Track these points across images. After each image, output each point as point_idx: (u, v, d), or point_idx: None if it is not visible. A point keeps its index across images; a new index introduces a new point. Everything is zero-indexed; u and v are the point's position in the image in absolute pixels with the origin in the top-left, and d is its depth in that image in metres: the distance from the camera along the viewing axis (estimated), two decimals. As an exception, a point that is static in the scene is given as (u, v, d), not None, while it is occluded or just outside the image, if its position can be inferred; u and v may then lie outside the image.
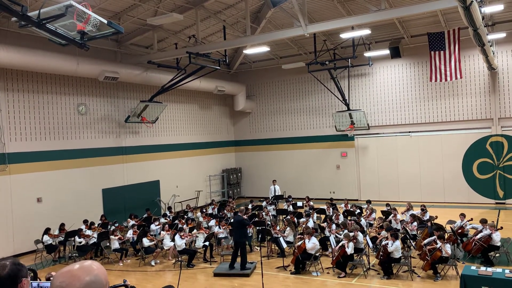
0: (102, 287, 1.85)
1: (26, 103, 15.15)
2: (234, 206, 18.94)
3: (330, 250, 12.72)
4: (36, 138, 15.42)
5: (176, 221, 15.45)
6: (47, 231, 13.90)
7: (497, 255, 11.66)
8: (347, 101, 21.49)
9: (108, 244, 13.77)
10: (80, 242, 13.65)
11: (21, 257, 13.92)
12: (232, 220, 14.80)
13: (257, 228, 14.42)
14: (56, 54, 14.48)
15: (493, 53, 16.68)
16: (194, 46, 16.62)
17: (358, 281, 10.79)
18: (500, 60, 19.04)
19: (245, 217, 13.08)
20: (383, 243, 11.03)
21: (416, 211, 14.73)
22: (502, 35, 17.62)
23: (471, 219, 12.92)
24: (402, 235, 12.68)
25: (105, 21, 7.04)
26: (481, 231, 11.61)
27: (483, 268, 8.90)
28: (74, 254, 13.78)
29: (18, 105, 14.93)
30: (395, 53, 18.95)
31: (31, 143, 15.23)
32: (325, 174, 23.33)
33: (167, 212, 17.45)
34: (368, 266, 11.48)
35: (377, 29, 19.58)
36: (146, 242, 13.31)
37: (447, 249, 10.51)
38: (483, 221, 11.81)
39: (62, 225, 14.55)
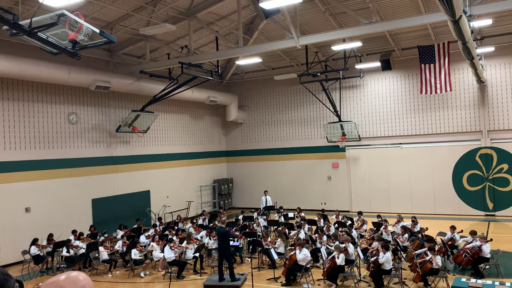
0: None
1: (16, 112, 15.02)
2: (225, 217, 18.82)
3: (321, 261, 12.68)
4: (26, 147, 15.26)
5: (166, 232, 15.31)
6: (34, 242, 13.68)
7: (487, 267, 11.70)
8: (339, 112, 21.63)
9: (97, 255, 13.58)
10: (69, 253, 13.47)
11: (8, 268, 13.68)
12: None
13: (248, 239, 14.34)
14: (47, 63, 14.42)
15: (482, 67, 16.93)
16: (187, 57, 16.66)
17: (349, 293, 10.75)
18: (489, 74, 19.33)
19: (228, 228, 13.03)
20: (372, 259, 11.01)
21: (407, 222, 14.76)
22: (490, 49, 17.90)
23: (461, 231, 12.97)
24: (393, 247, 12.69)
25: (97, 31, 7.02)
26: (471, 243, 11.66)
27: (473, 280, 8.93)
28: (62, 265, 13.55)
29: (8, 114, 14.79)
30: (386, 66, 19.15)
31: (20, 152, 15.07)
32: (316, 185, 23.34)
33: (157, 223, 17.30)
34: (359, 278, 11.45)
35: (368, 42, 19.80)
36: (135, 253, 13.16)
37: (438, 261, 10.53)
38: (473, 233, 11.86)
39: (51, 235, 14.34)
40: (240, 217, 17.86)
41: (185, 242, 13.67)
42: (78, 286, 1.80)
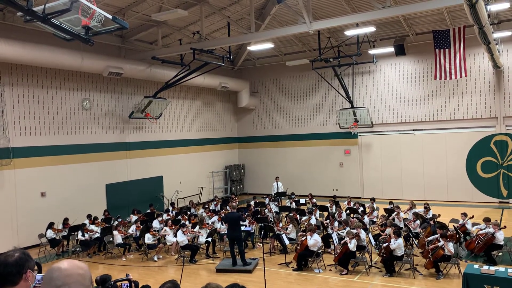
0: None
1: (30, 98, 15.21)
2: (237, 202, 18.94)
3: (332, 247, 12.74)
4: (41, 133, 15.48)
5: (179, 217, 15.49)
6: (50, 226, 13.98)
7: (500, 254, 11.65)
8: (351, 98, 21.46)
9: (111, 239, 13.82)
10: (84, 237, 13.73)
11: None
12: (224, 216, 14.70)
13: (260, 224, 14.44)
14: (61, 49, 14.52)
15: (499, 52, 16.59)
16: (198, 42, 16.62)
17: (360, 278, 10.80)
18: (506, 59, 18.93)
19: (240, 213, 13.14)
20: (384, 245, 11.02)
21: (419, 209, 14.71)
22: (507, 33, 17.50)
23: (472, 217, 12.88)
24: (405, 233, 12.67)
25: (110, 17, 7.02)
26: (484, 230, 11.58)
27: (485, 267, 8.88)
28: (78, 249, 13.86)
29: (23, 100, 14.98)
30: (400, 51, 18.87)
31: (36, 137, 15.29)
32: (328, 171, 23.31)
33: (170, 208, 17.51)
34: (371, 264, 11.49)
35: (382, 27, 19.51)
36: (149, 237, 13.36)
37: (450, 247, 10.50)
38: (487, 220, 11.78)
39: (66, 219, 14.62)
40: (252, 202, 17.96)
41: (197, 227, 13.83)
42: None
